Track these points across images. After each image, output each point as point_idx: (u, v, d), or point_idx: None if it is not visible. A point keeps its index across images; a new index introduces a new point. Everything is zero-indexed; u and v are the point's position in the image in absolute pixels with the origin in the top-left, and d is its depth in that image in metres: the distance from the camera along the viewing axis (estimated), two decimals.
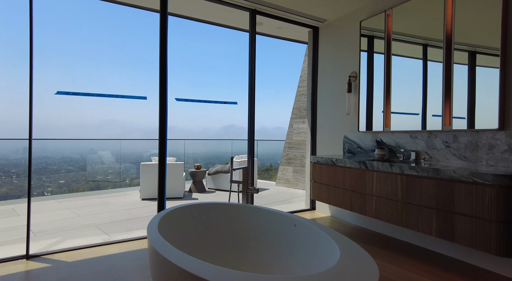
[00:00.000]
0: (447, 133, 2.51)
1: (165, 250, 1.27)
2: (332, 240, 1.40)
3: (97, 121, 22.32)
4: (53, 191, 6.94)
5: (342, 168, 2.93)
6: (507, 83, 2.15)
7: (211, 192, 5.59)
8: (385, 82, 3.06)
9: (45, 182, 7.36)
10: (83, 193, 6.09)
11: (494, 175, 1.78)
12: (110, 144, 7.89)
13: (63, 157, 7.35)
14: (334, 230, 1.55)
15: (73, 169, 7.77)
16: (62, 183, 7.30)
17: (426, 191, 2.16)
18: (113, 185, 6.65)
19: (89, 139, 7.61)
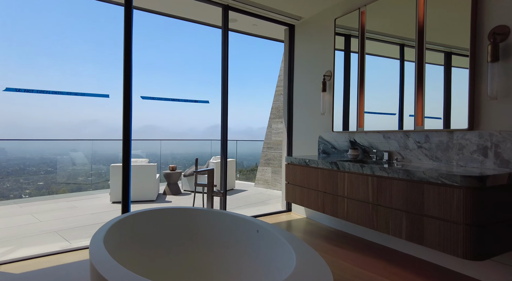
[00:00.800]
0: (419, 134, 2.47)
1: (106, 267, 1.13)
2: (290, 247, 1.30)
3: (80, 121, 21.57)
4: (29, 193, 6.61)
5: (315, 169, 2.85)
6: (476, 83, 2.12)
7: (186, 194, 5.42)
8: (358, 82, 3.00)
9: (22, 184, 7.01)
10: (49, 196, 5.79)
11: (462, 176, 1.72)
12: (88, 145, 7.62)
13: (24, 158, 7.00)
14: (294, 236, 1.45)
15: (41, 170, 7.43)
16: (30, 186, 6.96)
17: (396, 193, 2.09)
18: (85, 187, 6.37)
19: (53, 140, 7.28)
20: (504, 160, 1.96)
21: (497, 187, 1.76)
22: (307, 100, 3.75)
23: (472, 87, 2.13)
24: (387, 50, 2.74)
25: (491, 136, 2.03)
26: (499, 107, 2.01)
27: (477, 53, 2.11)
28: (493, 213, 1.74)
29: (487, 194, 1.71)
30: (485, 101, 2.08)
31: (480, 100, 2.10)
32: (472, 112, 2.14)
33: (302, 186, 3.03)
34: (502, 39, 1.99)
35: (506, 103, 1.98)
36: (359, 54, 2.99)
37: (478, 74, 2.11)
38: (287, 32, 4.04)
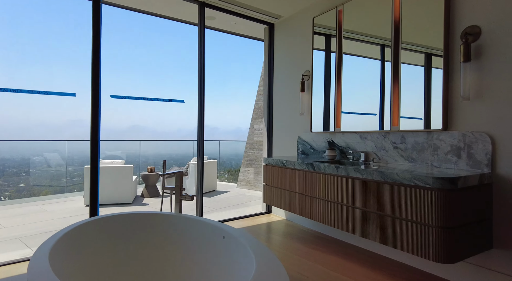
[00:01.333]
0: (395, 134, 2.44)
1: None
2: (252, 254, 1.23)
3: (65, 121, 20.89)
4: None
5: (292, 170, 2.79)
6: (449, 83, 2.10)
7: (165, 196, 5.28)
8: (336, 82, 2.96)
9: None
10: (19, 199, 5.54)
11: (434, 178, 1.69)
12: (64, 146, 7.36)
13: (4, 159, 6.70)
14: (258, 242, 1.38)
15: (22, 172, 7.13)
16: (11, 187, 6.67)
17: (371, 195, 2.05)
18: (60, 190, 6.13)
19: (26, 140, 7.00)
20: (476, 160, 1.95)
21: (468, 188, 1.74)
22: (287, 100, 3.69)
23: (446, 87, 2.11)
24: (368, 50, 2.69)
25: (464, 137, 2.01)
26: (472, 108, 2.00)
27: (451, 53, 2.09)
28: (465, 214, 1.72)
29: (459, 196, 1.69)
30: (459, 101, 2.06)
31: (453, 101, 2.09)
32: (446, 113, 2.12)
33: (279, 188, 2.97)
34: (474, 39, 1.97)
35: (478, 104, 1.96)
36: (336, 53, 2.96)
37: (451, 74, 2.09)
38: (267, 31, 3.98)
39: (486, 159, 1.90)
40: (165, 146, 8.75)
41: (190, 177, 5.17)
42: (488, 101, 1.92)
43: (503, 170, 1.85)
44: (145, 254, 1.78)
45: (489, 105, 1.91)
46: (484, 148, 1.91)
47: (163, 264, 1.75)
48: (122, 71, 23.71)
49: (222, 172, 8.98)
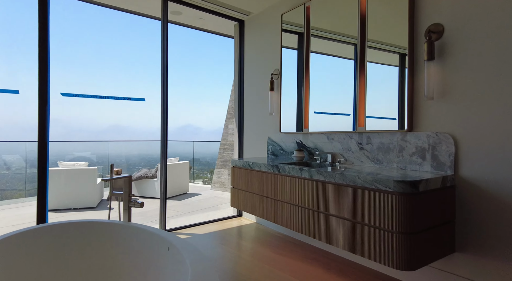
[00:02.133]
0: (361, 135, 2.37)
1: None
2: (189, 269, 1.09)
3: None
4: None
5: (258, 172, 2.67)
6: (414, 83, 2.04)
7: None
8: (304, 81, 2.87)
9: None
10: None
11: (395, 181, 1.61)
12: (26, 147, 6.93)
13: None
14: (199, 253, 1.25)
15: None
16: None
17: (333, 199, 1.96)
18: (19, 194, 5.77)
19: None
20: (440, 162, 1.89)
21: (430, 192, 1.67)
22: (257, 99, 3.58)
23: (411, 86, 2.05)
24: (343, 50, 2.57)
25: (428, 138, 1.95)
26: (436, 108, 1.94)
27: (416, 52, 2.03)
28: (427, 218, 1.65)
29: (421, 199, 1.62)
30: (423, 101, 2.00)
31: (418, 101, 2.03)
32: (411, 113, 2.06)
33: (246, 191, 2.84)
34: (437, 37, 1.92)
35: (442, 104, 1.91)
36: (304, 52, 2.86)
37: (417, 73, 2.03)
38: (237, 27, 3.85)
39: (449, 161, 1.85)
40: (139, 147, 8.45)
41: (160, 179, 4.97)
42: (452, 101, 1.86)
43: (465, 172, 1.80)
44: (83, 266, 1.61)
45: (453, 105, 1.86)
46: (448, 149, 1.85)
47: (100, 278, 1.59)
48: (77, 67, 22.29)
49: (206, 172, 8.78)
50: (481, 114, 1.74)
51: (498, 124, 1.67)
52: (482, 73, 1.73)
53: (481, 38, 1.74)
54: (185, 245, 1.39)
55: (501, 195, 1.66)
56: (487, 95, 1.72)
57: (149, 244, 1.56)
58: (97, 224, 1.76)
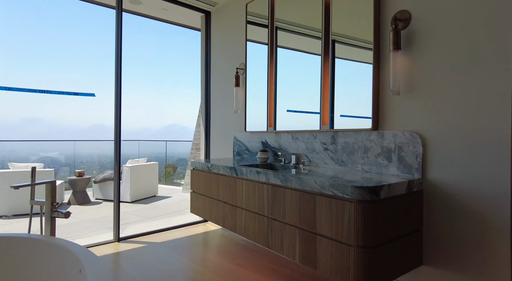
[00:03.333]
0: (325, 134, 2.17)
1: None
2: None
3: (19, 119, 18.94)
4: None
5: (216, 175, 2.43)
6: (380, 77, 1.85)
7: (97, 203, 4.73)
8: (269, 77, 2.65)
9: None
10: None
11: (352, 187, 1.40)
12: None
13: None
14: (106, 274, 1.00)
15: None
16: None
17: (290, 205, 1.74)
18: None
19: None
20: (407, 164, 1.70)
21: (394, 198, 1.48)
22: (224, 96, 3.34)
23: (377, 81, 1.85)
24: (310, 45, 2.34)
25: (394, 137, 1.76)
26: (402, 104, 1.75)
27: (382, 42, 1.84)
28: (390, 228, 1.45)
29: (382, 208, 1.42)
30: (389, 97, 1.81)
31: (385, 97, 1.84)
32: (377, 110, 1.86)
33: (205, 195, 2.60)
34: (404, 25, 1.73)
35: (409, 100, 1.72)
36: (268, 45, 2.64)
37: (383, 66, 1.84)
38: (203, 19, 3.60)
39: (416, 163, 1.66)
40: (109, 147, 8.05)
41: (125, 181, 4.66)
42: (420, 96, 1.68)
43: (434, 175, 1.62)
44: None
45: (420, 100, 1.67)
46: (415, 150, 1.67)
47: None
48: (17, 59, 20.56)
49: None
50: (450, 112, 1.55)
51: (468, 123, 1.49)
52: (453, 66, 1.55)
53: (451, 27, 1.56)
54: (95, 269, 1.14)
55: (471, 201, 1.48)
56: (457, 91, 1.53)
57: (60, 265, 1.30)
58: (13, 239, 1.48)
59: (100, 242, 2.80)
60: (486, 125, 1.43)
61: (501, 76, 1.39)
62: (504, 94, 1.38)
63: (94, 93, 5.64)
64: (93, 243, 2.78)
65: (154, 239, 2.94)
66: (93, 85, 19.80)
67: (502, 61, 1.39)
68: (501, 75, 1.39)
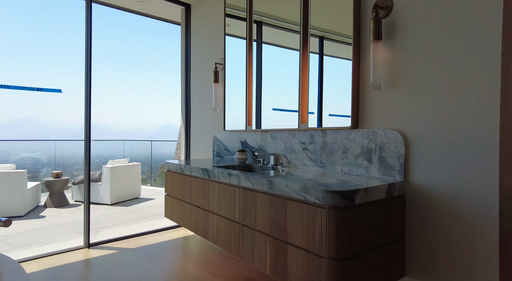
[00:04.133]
0: (304, 133, 2.01)
1: None
2: None
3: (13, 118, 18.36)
4: None
5: (189, 177, 2.27)
6: (361, 70, 1.70)
7: (75, 205, 4.53)
8: (247, 73, 2.49)
9: None
10: None
11: (324, 191, 1.25)
12: None
13: None
14: None
15: None
16: None
17: (262, 211, 1.59)
18: None
19: None
20: (388, 166, 1.55)
21: (372, 204, 1.33)
22: (204, 93, 3.18)
23: (357, 74, 1.70)
24: (290, 40, 2.18)
25: (375, 136, 1.61)
26: (384, 100, 1.60)
27: (362, 32, 1.69)
28: (367, 238, 1.30)
29: (358, 214, 1.27)
30: (370, 93, 1.66)
31: (365, 92, 1.69)
32: (357, 106, 1.71)
33: (178, 199, 2.44)
34: (385, 14, 1.58)
35: (390, 95, 1.57)
36: (247, 40, 2.48)
37: (363, 59, 1.69)
38: (184, 12, 3.43)
39: (398, 164, 1.51)
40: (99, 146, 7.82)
41: (104, 183, 4.46)
42: (402, 91, 1.53)
43: (417, 178, 1.47)
44: None
45: (403, 96, 1.53)
46: (397, 150, 1.52)
47: None
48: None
49: None
50: (435, 109, 1.41)
51: (454, 121, 1.35)
52: (438, 59, 1.40)
53: (437, 16, 1.41)
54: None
55: (458, 206, 1.34)
56: (443, 86, 1.39)
57: None
58: None
59: (68, 248, 2.62)
60: (474, 123, 1.29)
61: (490, 70, 1.25)
62: (494, 89, 1.24)
63: (61, 89, 5.41)
64: (59, 249, 2.60)
65: (127, 244, 2.76)
66: (60, 81, 18.00)
67: (492, 54, 1.24)
68: (491, 69, 1.24)
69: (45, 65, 21.70)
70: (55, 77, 20.46)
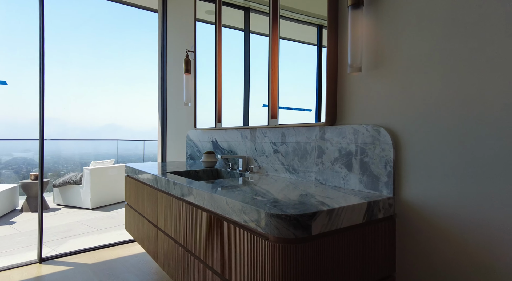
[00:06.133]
0: (275, 131, 1.62)
1: None
2: None
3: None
4: None
5: (142, 185, 1.91)
6: (339, 50, 1.29)
7: (55, 209, 4.24)
8: (216, 61, 2.11)
9: None
10: None
11: (267, 215, 0.86)
12: None
13: None
14: None
15: None
16: None
17: (203, 234, 1.21)
18: None
19: None
20: (372, 175, 1.14)
21: (341, 232, 0.93)
22: (179, 86, 2.82)
23: (333, 55, 1.30)
24: (305, 35, 1.77)
25: (356, 135, 1.20)
26: (366, 85, 1.19)
27: (340, 24, 1.28)
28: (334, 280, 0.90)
29: (318, 249, 0.87)
30: (349, 77, 1.26)
31: (344, 78, 1.28)
32: (333, 95, 1.31)
33: (134, 209, 2.08)
34: None
35: (375, 79, 1.16)
36: (216, 25, 2.10)
37: (342, 35, 1.28)
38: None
39: (385, 173, 1.10)
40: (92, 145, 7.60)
41: (85, 185, 4.16)
42: (389, 72, 1.12)
43: (411, 192, 1.06)
44: None
45: (390, 79, 1.11)
46: (383, 153, 1.11)
47: None
48: None
49: None
50: (436, 97, 0.99)
51: (461, 113, 0.93)
52: (436, 29, 0.99)
53: None
54: None
55: (469, 233, 0.92)
56: (445, 64, 0.97)
57: None
58: None
59: (16, 264, 2.30)
60: (492, 115, 0.87)
61: (504, 43, 0.83)
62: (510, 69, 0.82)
63: (6, 80, 5.15)
64: (6, 265, 2.28)
65: (87, 259, 2.42)
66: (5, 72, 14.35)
67: (504, 21, 0.82)
68: (505, 42, 0.82)
69: None
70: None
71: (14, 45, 15.62)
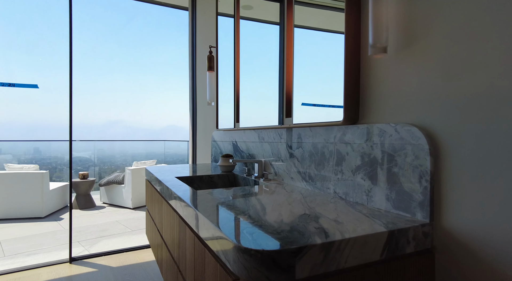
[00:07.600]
0: (290, 132, 1.37)
1: None
2: None
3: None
4: None
5: (155, 192, 1.80)
6: (362, 31, 1.01)
7: (101, 207, 4.44)
8: (235, 56, 1.92)
9: None
10: None
11: (236, 250, 0.63)
12: None
13: None
14: None
15: None
16: None
17: (189, 256, 1.02)
18: None
19: None
20: (403, 191, 0.85)
21: (344, 273, 0.66)
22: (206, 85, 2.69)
23: (354, 34, 1.02)
24: (333, 23, 1.56)
25: (382, 136, 0.91)
26: (395, 71, 0.90)
27: None
28: None
29: None
30: (373, 62, 0.97)
31: (367, 64, 0.99)
32: (355, 88, 1.03)
33: (151, 215, 1.99)
34: None
35: (406, 63, 0.86)
36: (235, 17, 1.92)
37: (365, 6, 1.00)
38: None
39: (420, 189, 0.80)
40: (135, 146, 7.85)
41: (127, 185, 4.28)
42: (427, 51, 0.81)
43: (457, 218, 0.75)
44: None
45: (429, 59, 0.81)
46: (417, 161, 0.81)
47: None
48: None
49: None
50: (496, 81, 0.67)
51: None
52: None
53: None
54: None
55: None
56: (500, 43, 0.65)
57: None
58: None
59: (48, 262, 2.36)
60: None
61: None
62: None
63: (37, 84, 5.41)
64: (39, 263, 2.35)
65: (111, 261, 2.41)
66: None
67: None
68: None
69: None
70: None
71: (51, 50, 14.98)
